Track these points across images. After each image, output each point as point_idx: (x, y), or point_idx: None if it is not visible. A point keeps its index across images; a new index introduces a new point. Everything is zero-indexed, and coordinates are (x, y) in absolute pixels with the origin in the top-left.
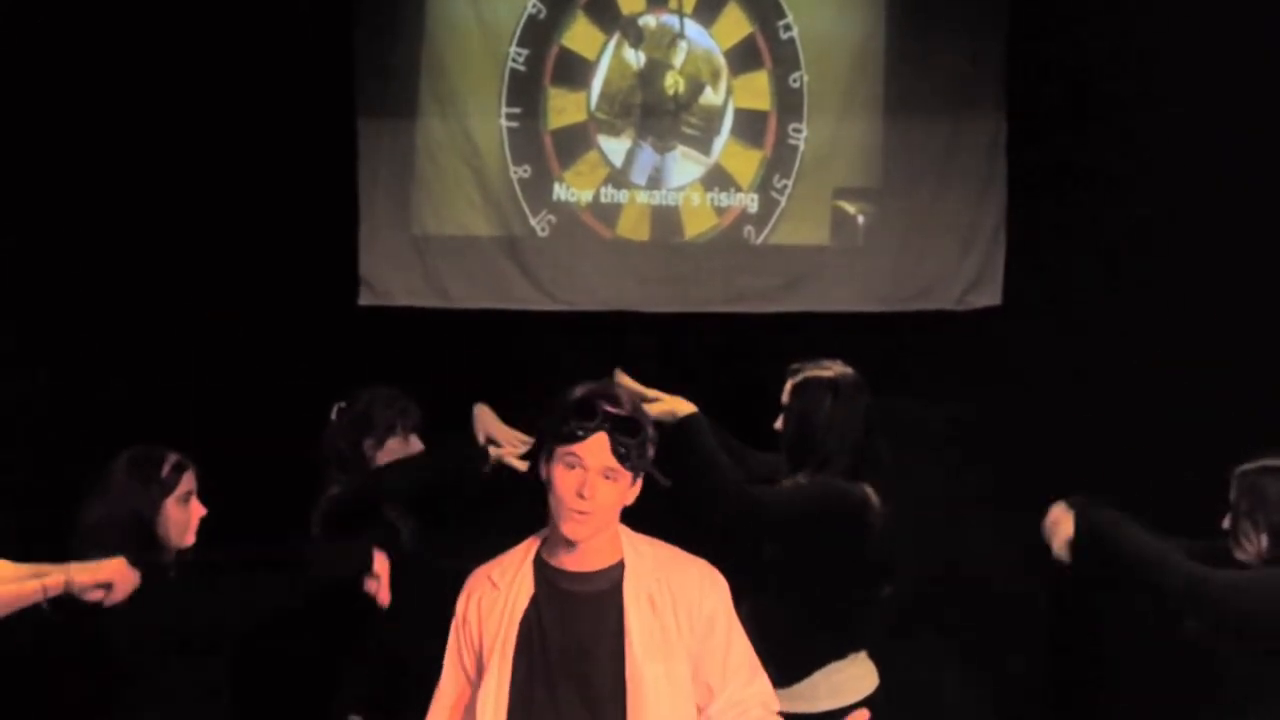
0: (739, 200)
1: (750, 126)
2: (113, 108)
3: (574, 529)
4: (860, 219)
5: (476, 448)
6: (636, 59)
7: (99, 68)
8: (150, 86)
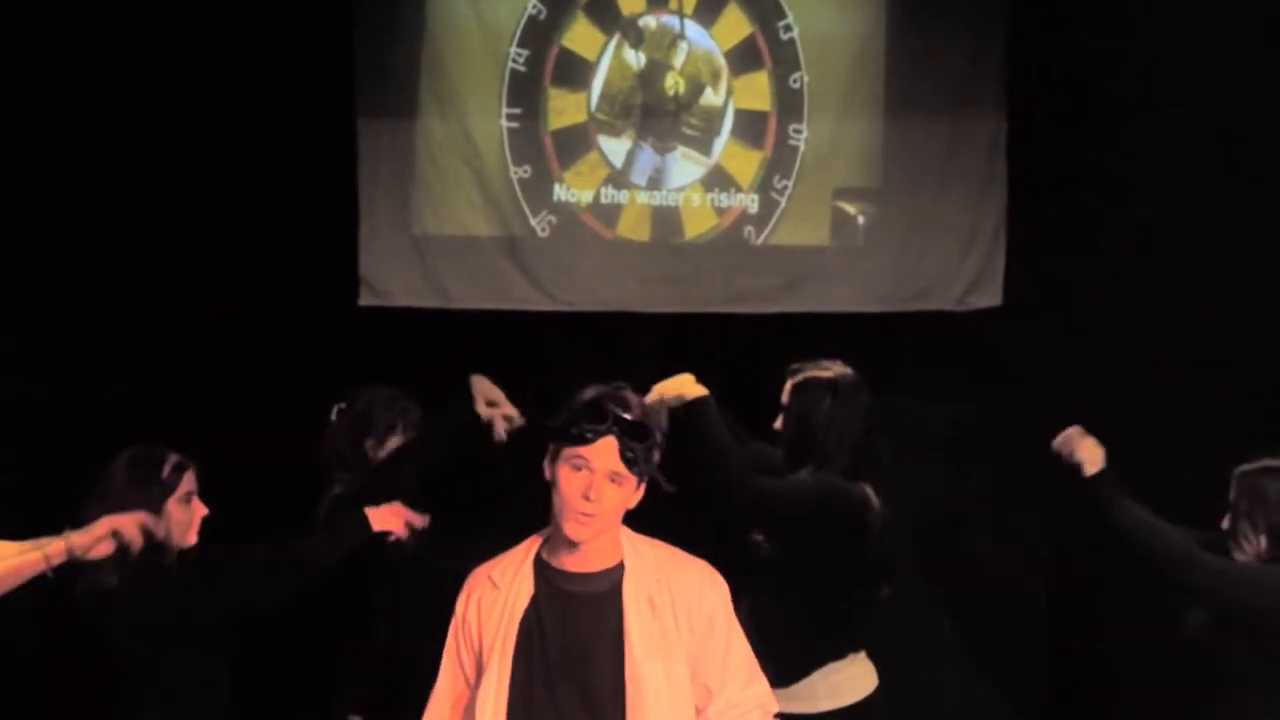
0: (739, 201)
1: (750, 127)
2: (113, 108)
3: (578, 530)
4: (860, 219)
5: (470, 413)
6: (637, 60)
7: (99, 68)
8: (150, 87)
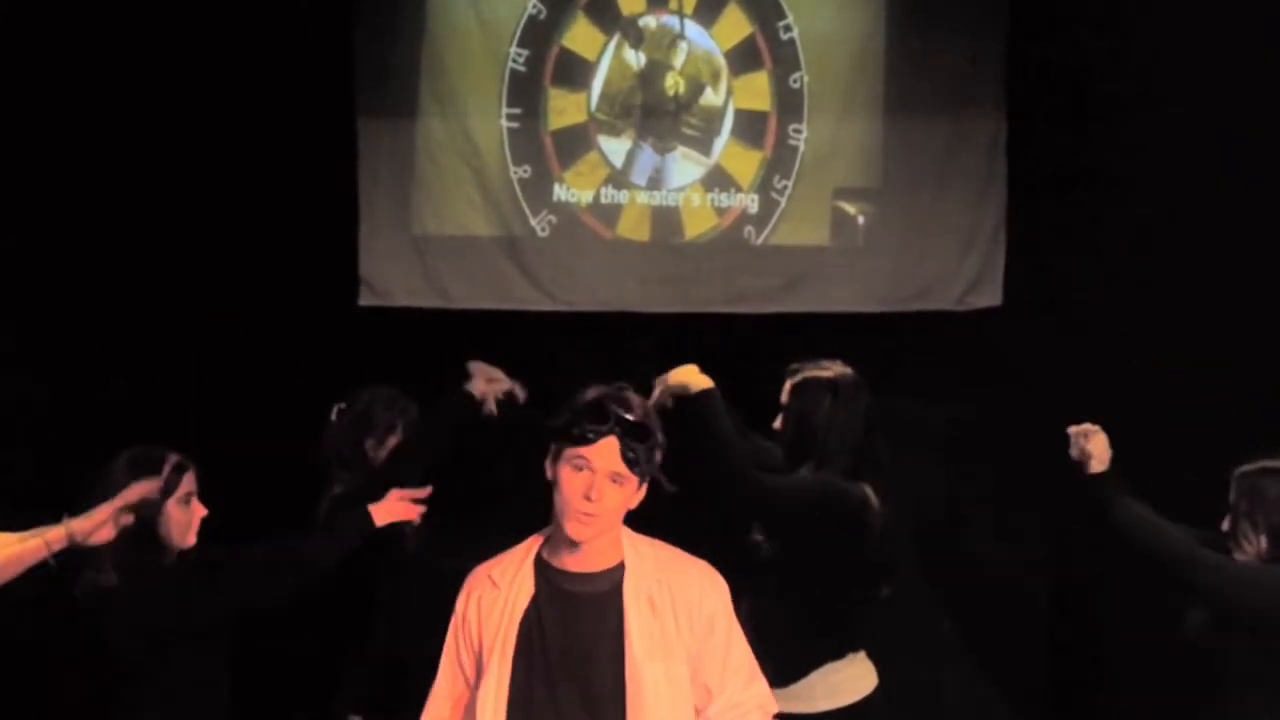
0: (739, 201)
1: (750, 127)
2: (113, 108)
3: (579, 530)
4: (860, 219)
5: (464, 407)
6: (637, 60)
7: (99, 68)
8: (150, 87)
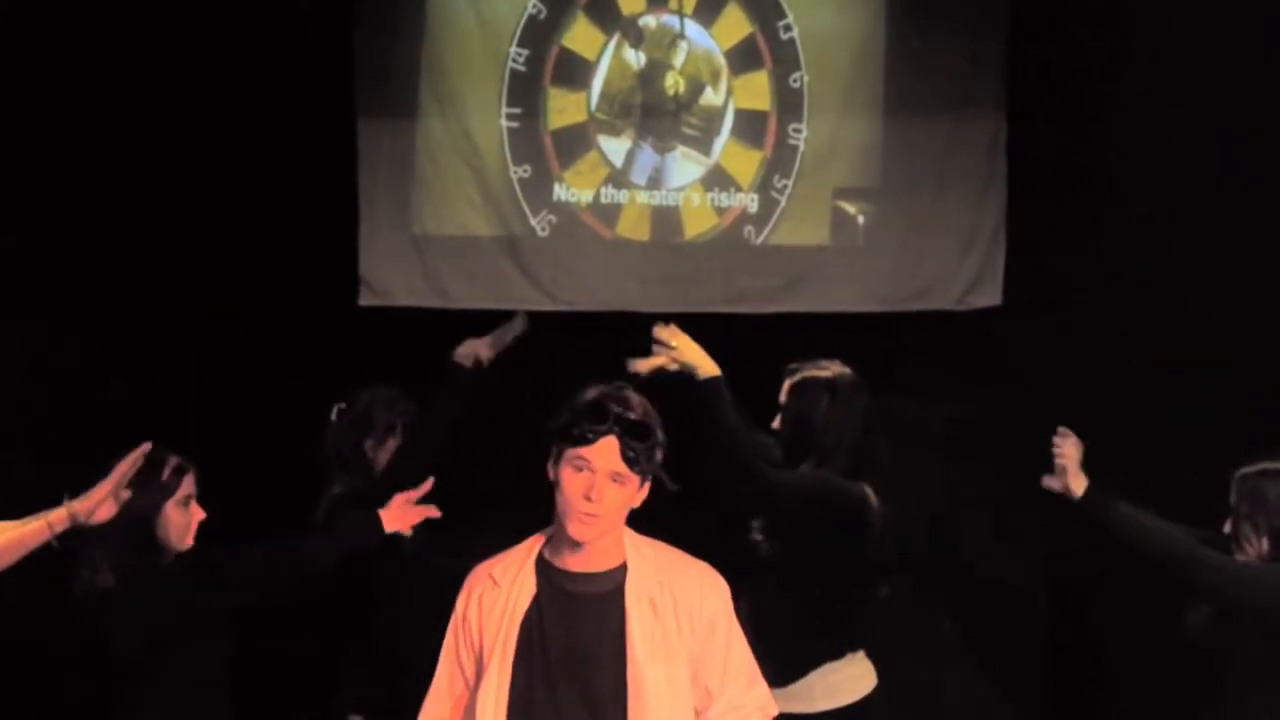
0: (739, 200)
1: (750, 127)
2: (113, 108)
3: (581, 531)
4: (860, 219)
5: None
6: (637, 59)
7: (99, 68)
8: (150, 86)
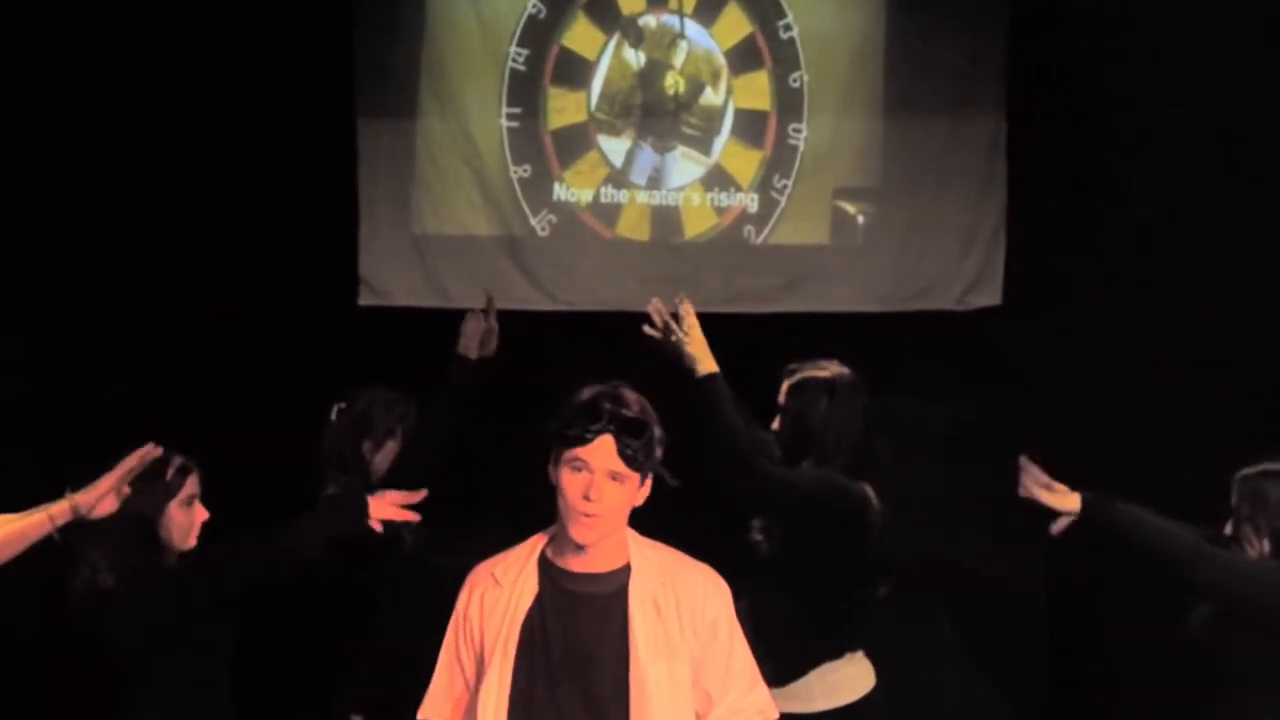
0: (739, 200)
1: (750, 126)
2: (113, 108)
3: (583, 533)
4: (860, 219)
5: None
6: (636, 59)
7: (99, 68)
8: (150, 86)
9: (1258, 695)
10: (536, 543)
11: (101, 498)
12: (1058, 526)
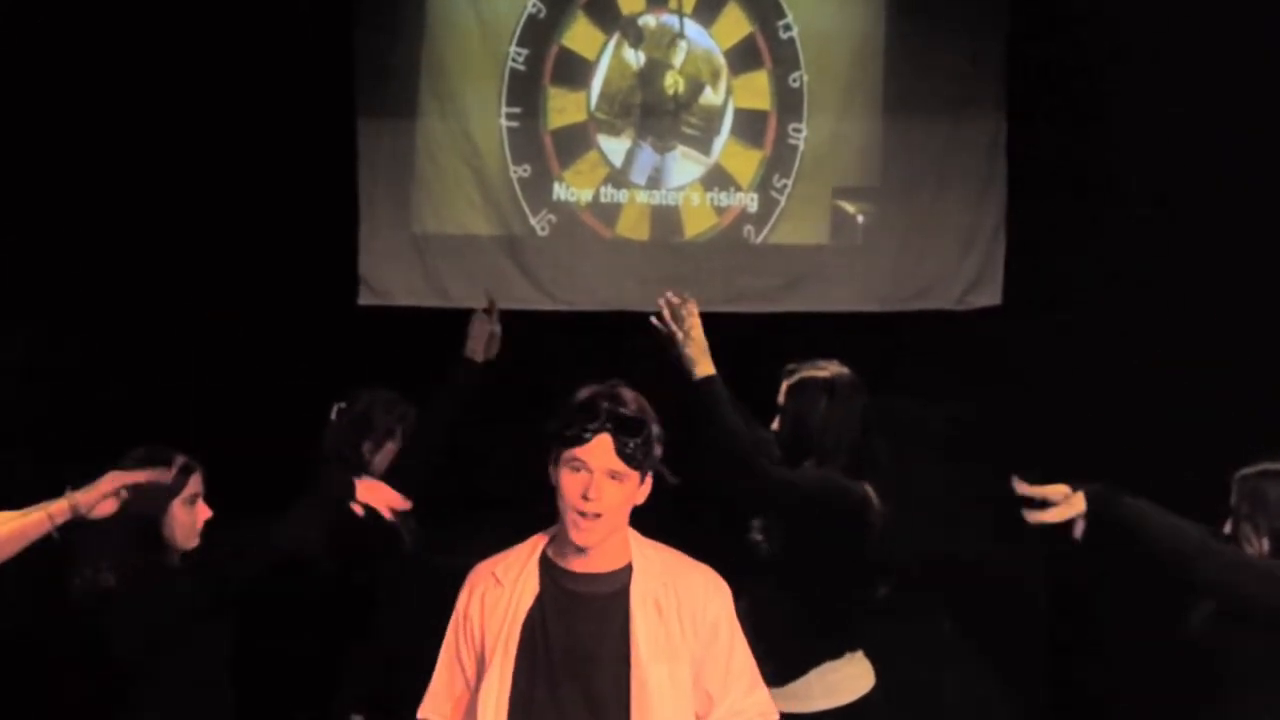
0: (739, 200)
1: (750, 126)
2: (113, 107)
3: (584, 536)
4: (860, 218)
5: (466, 364)
6: (636, 59)
7: (99, 67)
8: (150, 86)
9: (1258, 695)
10: (537, 542)
11: (101, 498)
12: (1077, 530)
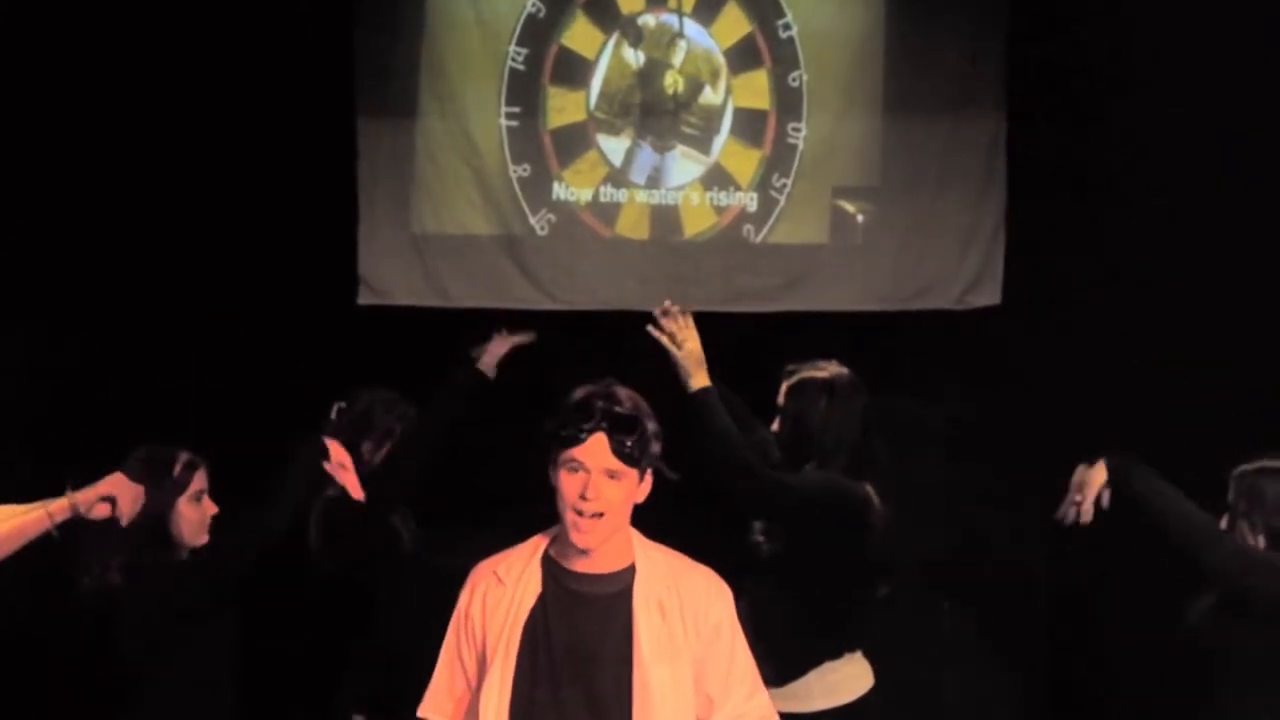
0: (738, 199)
1: (750, 125)
2: (113, 107)
3: (584, 537)
4: (860, 218)
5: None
6: (636, 58)
7: (99, 67)
8: (150, 86)
9: (1258, 695)
10: (540, 542)
11: (101, 498)
12: (1104, 501)
